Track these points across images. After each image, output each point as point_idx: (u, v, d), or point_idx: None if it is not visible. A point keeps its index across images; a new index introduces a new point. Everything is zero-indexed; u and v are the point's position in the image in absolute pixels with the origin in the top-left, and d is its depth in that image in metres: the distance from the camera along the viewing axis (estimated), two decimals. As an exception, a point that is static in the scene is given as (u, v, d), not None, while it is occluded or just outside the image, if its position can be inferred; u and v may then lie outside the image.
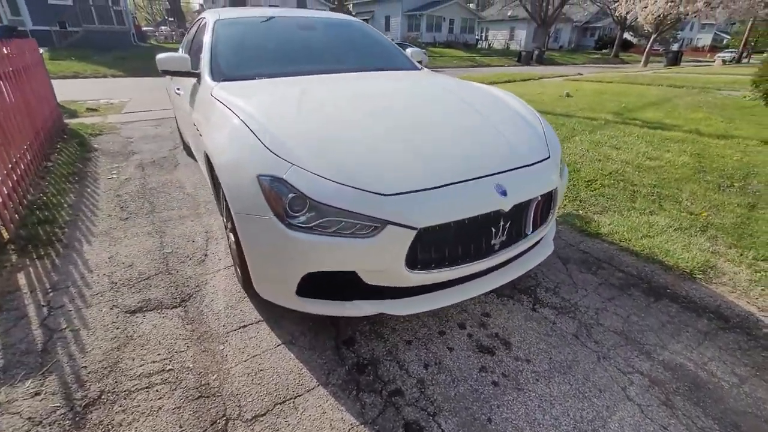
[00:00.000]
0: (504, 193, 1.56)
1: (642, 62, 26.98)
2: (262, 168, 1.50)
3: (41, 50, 5.49)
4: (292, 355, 1.66)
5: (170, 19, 32.10)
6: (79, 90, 9.62)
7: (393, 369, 1.59)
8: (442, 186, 1.50)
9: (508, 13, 39.58)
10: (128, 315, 1.87)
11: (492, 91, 2.52)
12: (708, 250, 2.53)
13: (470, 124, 1.94)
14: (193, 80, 2.60)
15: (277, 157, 1.50)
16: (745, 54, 36.91)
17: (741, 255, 2.49)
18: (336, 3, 22.57)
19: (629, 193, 3.40)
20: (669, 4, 20.45)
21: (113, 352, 1.65)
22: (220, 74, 2.37)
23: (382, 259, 1.46)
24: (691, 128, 5.61)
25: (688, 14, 20.85)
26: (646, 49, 27.21)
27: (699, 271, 2.31)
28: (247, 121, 1.70)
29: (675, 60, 27.47)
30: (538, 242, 1.97)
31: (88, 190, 3.40)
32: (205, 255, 2.41)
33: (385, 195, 1.43)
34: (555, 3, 31.40)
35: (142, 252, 2.42)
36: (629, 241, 2.62)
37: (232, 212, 1.60)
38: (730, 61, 33.58)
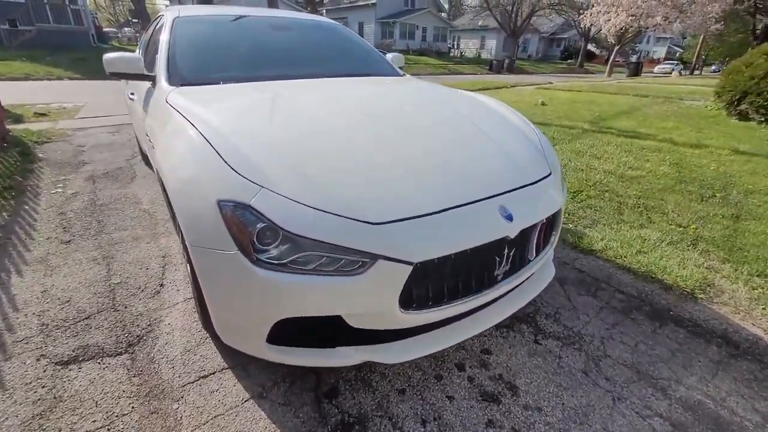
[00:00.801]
0: (510, 218, 1.36)
1: (606, 72, 28.16)
2: (224, 191, 1.23)
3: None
4: (262, 413, 1.38)
5: (134, 20, 30.87)
6: (29, 93, 8.88)
7: (385, 428, 1.34)
8: (442, 211, 1.28)
9: (479, 23, 40.48)
10: (59, 367, 1.54)
11: (481, 99, 2.34)
12: (703, 266, 2.44)
13: (465, 137, 1.74)
14: (148, 84, 2.28)
15: (243, 177, 1.24)
16: (696, 66, 39.48)
17: (736, 270, 2.41)
18: (308, 9, 22.29)
19: (616, 204, 3.31)
20: (630, 17, 21.43)
21: (34, 421, 1.32)
22: (177, 77, 2.07)
23: (371, 300, 1.22)
24: (665, 137, 5.71)
25: (648, 27, 21.94)
26: (610, 60, 28.44)
27: (699, 290, 2.20)
28: (206, 132, 1.43)
29: (636, 71, 28.83)
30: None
31: (26, 207, 2.97)
32: (161, 285, 2.08)
33: (374, 223, 1.19)
34: (523, 14, 32.40)
35: (84, 284, 2.06)
36: (624, 257, 2.50)
37: (187, 244, 1.32)
38: (671, 73, 35.95)
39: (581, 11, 25.69)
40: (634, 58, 40.98)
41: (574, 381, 1.57)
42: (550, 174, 1.70)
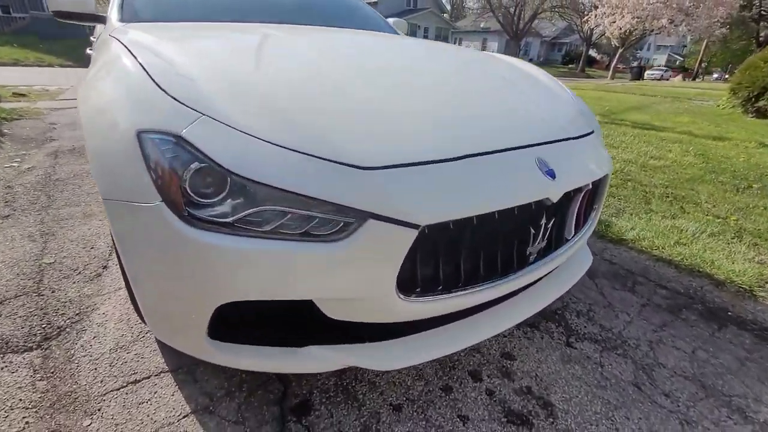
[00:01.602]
0: (551, 174, 0.99)
1: (609, 76, 27.89)
2: (148, 118, 0.85)
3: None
4: (205, 435, 1.01)
5: (133, 12, 30.42)
6: (16, 77, 8.52)
7: (373, 462, 0.96)
8: (461, 158, 0.90)
9: (481, 25, 40.29)
10: (-60, 367, 1.15)
11: (499, 55, 1.98)
12: (755, 260, 2.07)
13: (488, 83, 1.38)
14: (102, 29, 1.91)
15: (176, 101, 0.86)
16: (698, 73, 39.49)
17: (793, 266, 2.05)
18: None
19: (641, 193, 2.95)
20: (635, 19, 21.14)
21: None
22: (132, 14, 1.70)
23: (357, 279, 0.84)
24: (683, 130, 5.36)
25: (653, 30, 21.67)
26: (613, 63, 28.21)
27: (758, 287, 1.83)
28: (144, 58, 1.04)
29: (639, 75, 28.64)
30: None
31: (-30, 179, 2.58)
32: (104, 267, 1.70)
33: (364, 168, 0.82)
34: (526, 17, 32.21)
35: (8, 263, 1.67)
36: (662, 248, 2.13)
37: (101, 198, 0.94)
38: (660, 78, 35.99)
39: (584, 13, 25.44)
40: (634, 65, 40.87)
41: (626, 397, 1.19)
42: (593, 132, 1.33)
